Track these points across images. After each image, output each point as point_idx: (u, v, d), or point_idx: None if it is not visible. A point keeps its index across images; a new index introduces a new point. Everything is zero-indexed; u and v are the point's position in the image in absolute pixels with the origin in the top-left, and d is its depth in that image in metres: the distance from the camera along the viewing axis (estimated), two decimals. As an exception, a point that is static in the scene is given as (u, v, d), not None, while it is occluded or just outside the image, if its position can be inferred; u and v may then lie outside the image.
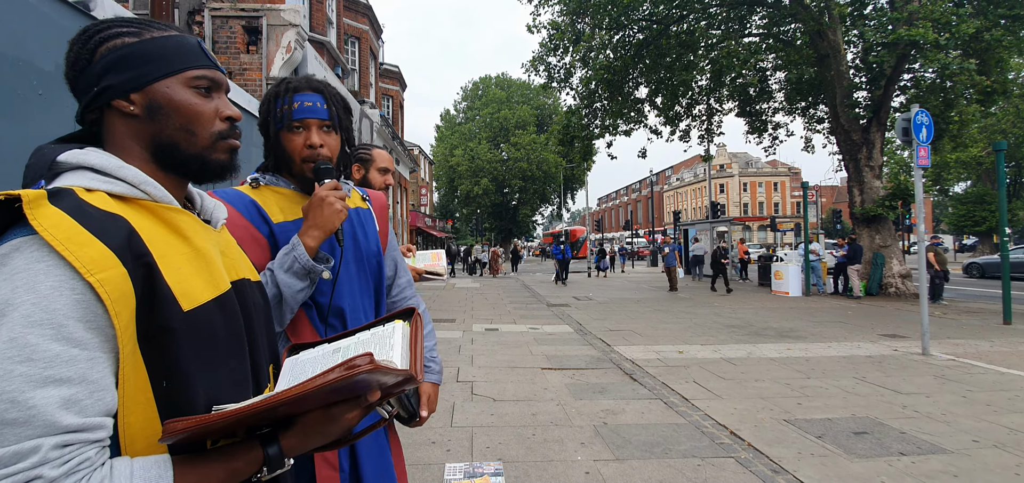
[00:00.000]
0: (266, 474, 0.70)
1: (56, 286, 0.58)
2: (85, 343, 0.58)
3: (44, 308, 0.56)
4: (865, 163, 12.91)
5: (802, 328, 8.30)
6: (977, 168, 30.00)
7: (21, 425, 0.53)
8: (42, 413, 0.54)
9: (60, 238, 0.59)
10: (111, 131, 0.73)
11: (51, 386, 0.55)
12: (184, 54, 0.76)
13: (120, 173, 0.69)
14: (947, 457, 3.30)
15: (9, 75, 2.10)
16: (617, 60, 14.48)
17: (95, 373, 0.59)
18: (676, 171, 75.44)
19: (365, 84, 18.07)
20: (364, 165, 2.20)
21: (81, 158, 0.68)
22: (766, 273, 15.68)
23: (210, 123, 0.77)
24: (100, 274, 0.60)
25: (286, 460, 0.71)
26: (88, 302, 0.59)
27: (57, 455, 0.55)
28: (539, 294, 14.71)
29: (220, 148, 0.78)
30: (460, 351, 6.65)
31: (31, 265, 0.58)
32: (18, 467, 0.53)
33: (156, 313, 0.65)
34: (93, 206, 0.63)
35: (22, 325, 0.55)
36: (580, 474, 3.08)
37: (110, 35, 0.73)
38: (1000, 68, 11.61)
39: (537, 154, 39.01)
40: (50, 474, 0.54)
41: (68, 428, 0.55)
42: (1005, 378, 5.21)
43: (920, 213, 7.14)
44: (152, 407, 0.65)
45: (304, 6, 11.03)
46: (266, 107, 1.23)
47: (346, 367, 0.64)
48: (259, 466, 0.69)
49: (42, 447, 0.54)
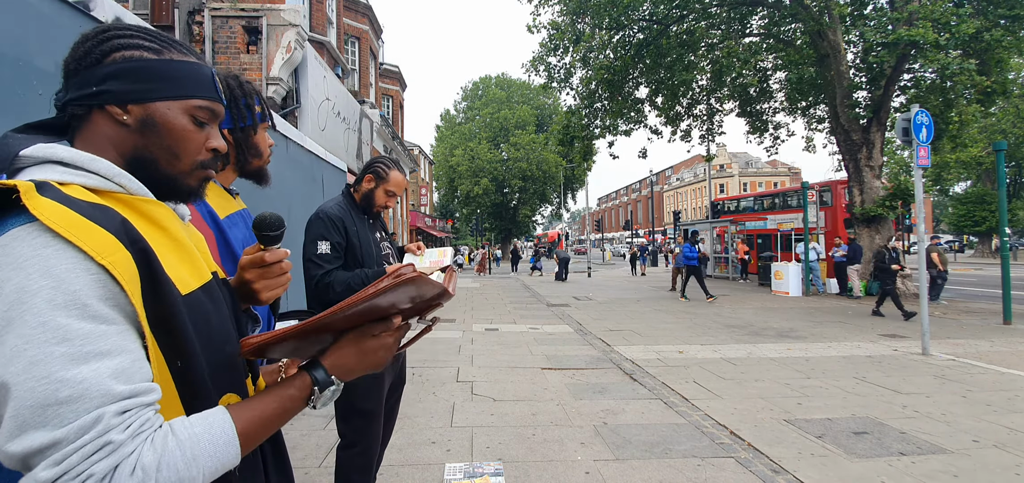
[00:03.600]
0: (317, 394, 0.75)
1: (71, 268, 0.58)
2: (112, 319, 0.59)
3: (64, 291, 0.56)
4: (865, 163, 12.91)
5: (802, 328, 8.30)
6: (977, 168, 29.98)
7: (77, 401, 0.54)
8: (95, 385, 0.55)
9: (63, 224, 0.59)
10: (91, 130, 0.73)
11: (94, 360, 0.56)
12: (196, 83, 0.77)
13: (93, 166, 0.68)
14: (947, 457, 3.30)
15: (9, 75, 2.10)
16: (617, 60, 14.48)
17: (131, 344, 0.60)
18: (676, 171, 75.45)
19: (365, 84, 18.07)
20: (378, 181, 2.21)
21: (48, 152, 0.67)
22: (766, 273, 15.67)
23: (196, 152, 0.78)
24: (110, 257, 0.60)
25: (334, 379, 0.76)
26: (105, 282, 0.60)
27: (119, 421, 0.56)
28: (539, 294, 14.71)
29: (195, 175, 0.80)
30: (460, 351, 6.65)
31: (39, 251, 0.57)
32: (86, 439, 0.54)
33: (160, 298, 0.66)
34: (77, 198, 0.63)
35: (48, 309, 0.55)
36: (580, 474, 3.08)
37: (130, 44, 0.73)
38: (1000, 68, 11.60)
39: (537, 154, 38.99)
40: (118, 438, 0.55)
41: (123, 395, 0.57)
42: (1005, 378, 5.21)
43: (920, 213, 7.14)
44: (172, 386, 0.67)
45: (304, 6, 11.03)
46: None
47: (395, 275, 0.71)
48: (310, 389, 0.74)
49: (105, 415, 0.55)
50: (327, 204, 2.17)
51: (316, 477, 3.04)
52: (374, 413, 2.08)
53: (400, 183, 2.22)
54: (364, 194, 2.21)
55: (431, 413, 4.19)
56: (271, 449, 0.89)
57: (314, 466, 3.19)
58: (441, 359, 6.16)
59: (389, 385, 2.21)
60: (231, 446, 0.64)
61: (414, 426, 3.88)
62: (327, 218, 2.09)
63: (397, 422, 2.89)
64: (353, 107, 11.58)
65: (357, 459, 2.09)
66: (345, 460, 2.10)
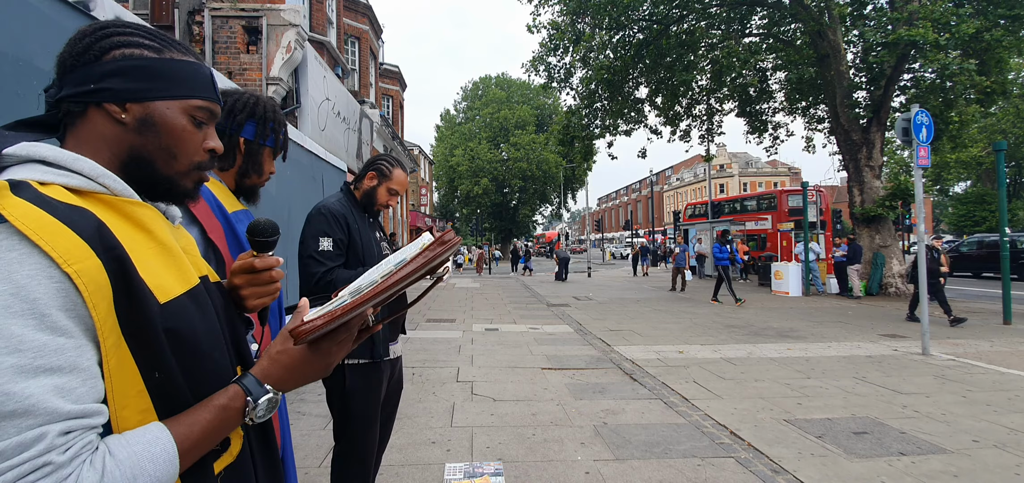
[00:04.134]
0: (252, 405, 0.72)
1: (33, 275, 0.56)
2: (70, 332, 0.57)
3: (23, 298, 0.54)
4: (865, 163, 12.91)
5: (802, 328, 8.30)
6: (977, 168, 29.98)
7: (21, 416, 0.52)
8: (41, 402, 0.53)
9: (32, 227, 0.57)
10: (86, 128, 0.71)
11: (43, 376, 0.54)
12: (195, 83, 0.76)
13: (76, 166, 0.66)
14: (947, 457, 3.30)
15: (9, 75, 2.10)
16: (617, 60, 14.48)
17: (85, 361, 0.58)
18: (676, 171, 75.42)
19: (365, 84, 18.07)
20: (381, 178, 2.16)
21: (31, 151, 0.65)
22: (766, 273, 15.67)
23: (194, 152, 0.77)
24: (77, 265, 0.58)
25: (267, 388, 0.74)
26: (68, 291, 0.57)
27: (62, 441, 0.54)
28: (539, 294, 14.71)
29: (192, 176, 0.79)
30: (460, 351, 6.65)
31: (2, 255, 0.55)
32: (25, 456, 0.52)
33: (135, 307, 0.63)
34: (54, 199, 0.61)
35: (3, 316, 0.53)
36: (580, 474, 3.08)
37: (130, 41, 0.72)
38: (1000, 68, 11.61)
39: (537, 154, 39.00)
40: (58, 459, 0.53)
41: (69, 415, 0.55)
42: (1005, 378, 5.21)
43: (920, 213, 7.14)
44: (146, 399, 0.64)
45: (304, 6, 11.03)
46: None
47: (440, 242, 0.77)
48: (243, 399, 0.72)
49: (48, 435, 0.53)
50: (328, 200, 2.10)
51: (316, 477, 3.04)
52: (369, 419, 2.05)
53: (403, 182, 2.18)
54: (366, 191, 2.15)
55: (431, 413, 4.19)
56: (262, 456, 0.85)
57: (314, 466, 3.19)
58: (441, 359, 6.16)
59: (386, 392, 2.18)
60: (171, 463, 0.62)
61: (414, 426, 3.88)
62: (330, 214, 2.01)
63: (397, 422, 2.90)
64: (353, 107, 11.58)
65: (353, 465, 2.07)
66: (341, 466, 2.09)
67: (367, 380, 2.02)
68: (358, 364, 2.02)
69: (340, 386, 2.02)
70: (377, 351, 2.03)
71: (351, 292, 0.77)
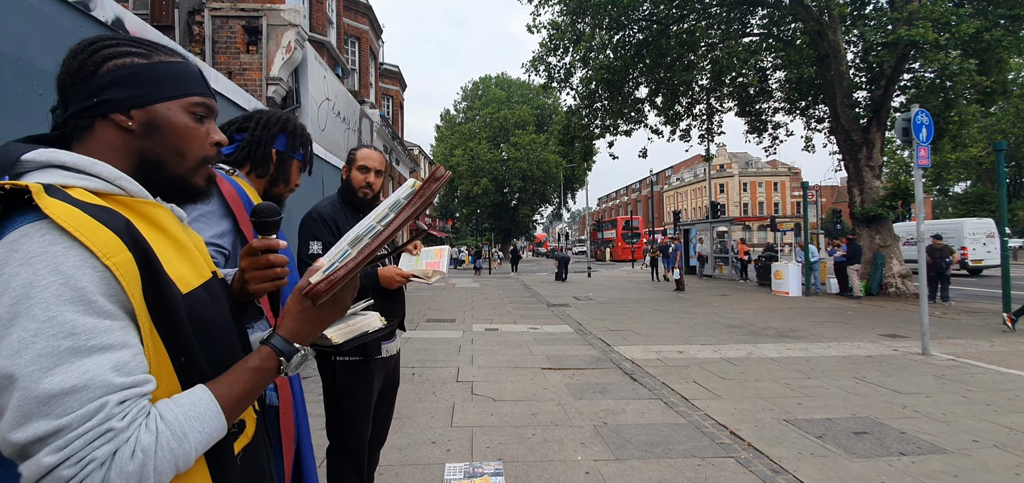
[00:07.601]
0: (285, 363, 0.77)
1: (78, 265, 0.61)
2: (115, 315, 0.63)
3: (72, 287, 0.60)
4: (865, 163, 12.91)
5: (802, 328, 8.30)
6: (977, 168, 30.01)
7: (81, 390, 0.58)
8: (97, 377, 0.59)
9: (72, 224, 0.61)
10: (98, 140, 0.74)
11: (97, 354, 0.60)
12: (187, 80, 0.80)
13: (94, 169, 0.70)
14: (947, 457, 3.30)
15: (9, 75, 2.10)
16: (617, 60, 14.47)
17: (131, 339, 0.64)
18: (676, 171, 75.42)
19: (365, 84, 18.07)
20: (349, 166, 2.21)
21: (50, 157, 0.68)
22: (766, 273, 15.68)
23: (200, 147, 0.81)
24: (114, 257, 0.63)
25: (293, 345, 0.78)
26: (109, 280, 0.63)
27: (120, 410, 0.60)
28: (539, 294, 14.71)
29: (202, 173, 0.82)
30: (460, 351, 6.65)
31: (47, 248, 0.60)
32: (90, 425, 0.58)
33: (162, 296, 0.69)
34: (82, 200, 0.65)
35: (56, 303, 0.58)
36: (580, 474, 3.08)
37: (118, 52, 0.75)
38: (1000, 68, 11.60)
39: (537, 154, 38.98)
40: (118, 426, 0.59)
41: (123, 386, 0.61)
42: (1005, 378, 5.21)
43: (920, 213, 7.13)
44: (175, 381, 0.70)
45: (304, 6, 11.02)
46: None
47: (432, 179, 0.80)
48: (276, 358, 0.76)
49: (107, 404, 0.59)
50: (320, 203, 2.15)
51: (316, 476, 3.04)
52: (360, 417, 2.07)
53: (369, 156, 2.17)
54: (345, 186, 2.20)
55: (431, 413, 4.19)
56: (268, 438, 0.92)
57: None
58: (441, 359, 6.16)
59: (379, 389, 2.19)
60: (218, 418, 0.68)
61: (414, 426, 3.88)
62: (319, 217, 2.07)
63: (397, 422, 2.89)
64: (353, 107, 11.58)
65: (345, 462, 2.09)
66: (335, 464, 2.11)
67: (358, 377, 2.05)
68: (349, 361, 2.03)
69: (331, 383, 2.05)
70: (368, 349, 2.05)
71: (351, 241, 0.80)
